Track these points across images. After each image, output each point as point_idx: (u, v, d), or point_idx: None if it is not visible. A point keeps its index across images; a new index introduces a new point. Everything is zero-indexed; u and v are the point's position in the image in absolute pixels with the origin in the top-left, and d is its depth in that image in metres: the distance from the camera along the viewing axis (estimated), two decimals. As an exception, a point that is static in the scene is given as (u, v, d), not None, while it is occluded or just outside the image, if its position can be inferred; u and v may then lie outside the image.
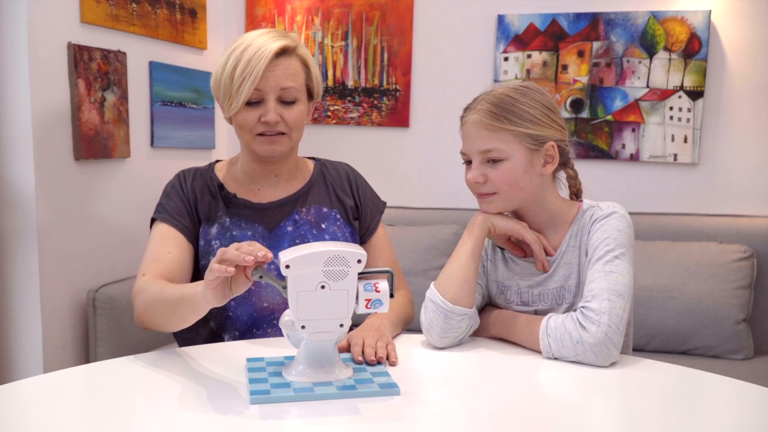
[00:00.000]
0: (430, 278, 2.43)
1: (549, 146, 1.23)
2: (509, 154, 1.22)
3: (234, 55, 1.30)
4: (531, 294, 1.29)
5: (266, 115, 1.31)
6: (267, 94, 1.31)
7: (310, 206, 1.43)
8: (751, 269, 2.18)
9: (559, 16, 2.55)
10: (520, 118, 1.22)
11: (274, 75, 1.30)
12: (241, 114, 1.33)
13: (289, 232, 1.39)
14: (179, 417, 0.92)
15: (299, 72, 1.34)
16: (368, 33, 2.74)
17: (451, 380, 1.10)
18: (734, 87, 2.44)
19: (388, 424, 0.91)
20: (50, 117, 1.96)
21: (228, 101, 1.32)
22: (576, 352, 1.13)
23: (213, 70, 1.36)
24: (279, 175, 1.42)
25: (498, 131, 1.22)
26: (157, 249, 1.32)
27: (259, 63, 1.27)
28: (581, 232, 1.27)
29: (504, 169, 1.23)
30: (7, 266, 1.96)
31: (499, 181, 1.23)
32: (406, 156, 2.78)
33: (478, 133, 1.24)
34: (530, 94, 1.24)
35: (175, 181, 1.43)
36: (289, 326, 1.03)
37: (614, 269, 1.18)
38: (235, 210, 1.39)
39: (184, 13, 2.49)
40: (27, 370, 1.98)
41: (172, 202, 1.38)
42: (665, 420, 0.95)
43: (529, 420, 0.94)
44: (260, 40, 1.30)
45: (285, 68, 1.31)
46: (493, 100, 1.24)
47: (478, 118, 1.24)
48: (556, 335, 1.16)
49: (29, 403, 0.96)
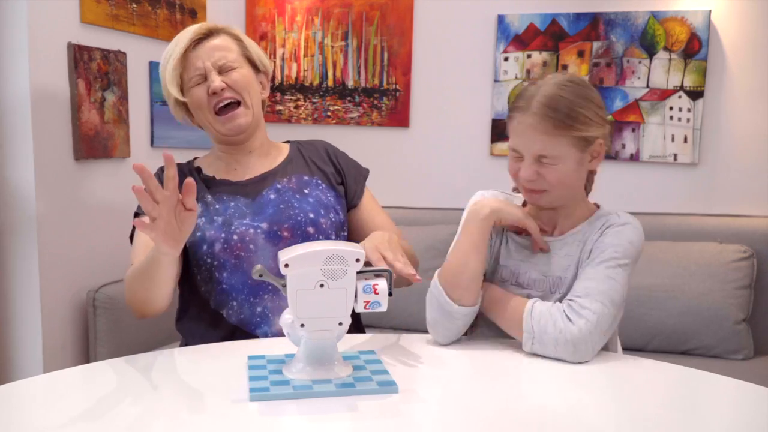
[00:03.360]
0: (430, 278, 2.43)
1: (597, 144, 1.23)
2: (563, 158, 1.20)
3: (166, 54, 1.40)
4: (528, 277, 1.29)
5: (210, 85, 1.35)
6: (208, 71, 1.36)
7: (291, 176, 1.44)
8: (751, 269, 2.18)
9: (559, 16, 2.55)
10: (576, 121, 1.19)
11: (206, 52, 1.36)
12: (191, 96, 1.38)
13: (272, 199, 1.40)
14: (179, 416, 0.92)
15: (231, 45, 1.40)
16: (368, 33, 2.74)
17: (449, 378, 1.10)
18: (734, 87, 2.44)
19: (387, 422, 0.91)
20: (50, 117, 1.96)
21: (167, 92, 1.39)
22: (556, 341, 1.13)
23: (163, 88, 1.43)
24: (252, 150, 1.45)
25: (554, 137, 1.19)
26: (142, 240, 1.35)
27: (177, 47, 1.36)
28: (591, 231, 1.26)
29: (557, 169, 1.20)
30: (7, 266, 1.96)
31: (552, 180, 1.21)
32: (406, 156, 2.78)
33: (533, 137, 1.20)
34: (582, 93, 1.22)
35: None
36: (289, 324, 1.03)
37: (614, 276, 1.18)
38: (216, 188, 1.41)
39: (184, 13, 2.49)
40: (27, 370, 1.98)
41: None
42: (665, 420, 0.95)
43: (528, 419, 0.94)
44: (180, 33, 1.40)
45: (215, 45, 1.38)
46: (548, 102, 1.19)
47: (535, 123, 1.19)
48: (540, 320, 1.15)
49: (29, 403, 0.97)
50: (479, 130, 2.70)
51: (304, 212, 1.37)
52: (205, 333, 1.36)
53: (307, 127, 2.83)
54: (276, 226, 1.36)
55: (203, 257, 1.35)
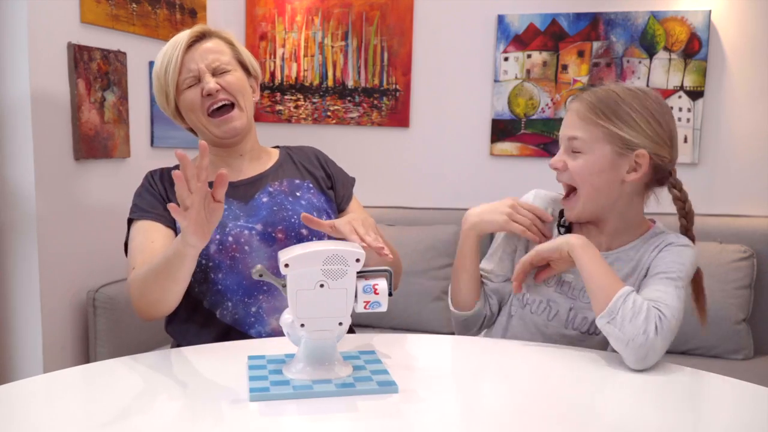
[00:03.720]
0: (430, 278, 2.45)
1: (640, 154, 1.18)
2: (591, 149, 1.19)
3: (158, 61, 1.39)
4: (572, 286, 1.28)
5: (205, 87, 1.35)
6: (202, 74, 1.36)
7: (282, 179, 1.45)
8: (751, 269, 2.18)
9: (559, 16, 2.55)
10: (618, 117, 1.18)
11: (200, 55, 1.37)
12: (185, 98, 1.38)
13: (265, 202, 1.40)
14: (179, 415, 0.92)
15: (224, 48, 1.40)
16: (368, 33, 2.74)
17: (449, 378, 1.10)
18: (734, 87, 2.44)
19: (387, 422, 0.91)
20: (50, 117, 1.96)
21: (164, 98, 1.39)
22: (633, 339, 1.08)
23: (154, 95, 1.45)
24: (243, 154, 1.45)
25: (590, 124, 1.19)
26: (141, 243, 1.33)
27: (176, 50, 1.36)
28: (646, 249, 1.25)
29: (582, 161, 1.20)
30: (7, 266, 1.96)
31: (575, 172, 1.20)
32: (406, 156, 2.78)
33: (572, 121, 1.21)
34: (642, 100, 1.20)
35: (144, 182, 1.45)
36: (289, 324, 1.03)
37: (681, 296, 1.16)
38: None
39: (184, 13, 2.49)
40: (27, 370, 1.98)
41: (144, 201, 1.40)
42: (665, 419, 0.95)
43: (528, 417, 0.94)
44: (175, 36, 1.39)
45: (208, 48, 1.38)
46: (600, 93, 1.20)
47: (577, 107, 1.21)
48: (632, 309, 1.09)
49: (29, 403, 0.96)
50: (479, 130, 2.70)
51: (297, 214, 1.38)
52: (199, 333, 1.35)
53: (307, 127, 2.83)
54: (270, 228, 1.36)
55: (199, 258, 1.30)
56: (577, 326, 1.27)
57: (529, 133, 2.64)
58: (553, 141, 2.62)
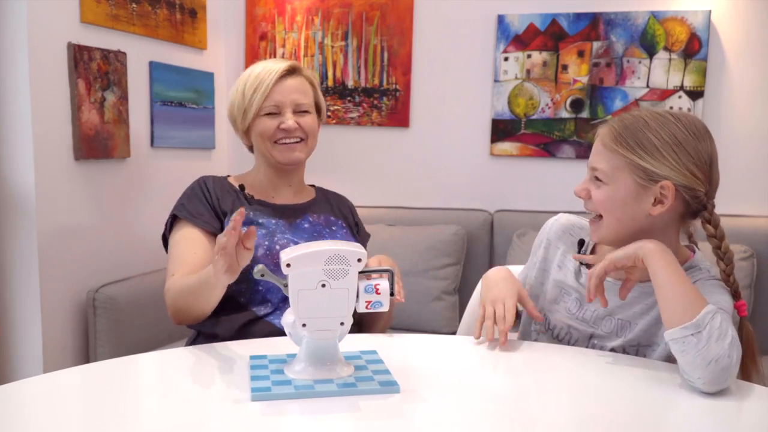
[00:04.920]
0: (430, 278, 2.46)
1: (664, 185, 1.11)
2: (613, 180, 1.14)
3: (244, 77, 1.50)
4: (594, 314, 1.25)
5: (285, 122, 1.47)
6: (284, 107, 1.48)
7: (320, 214, 1.56)
8: (751, 269, 2.18)
9: (559, 16, 2.55)
10: (640, 147, 1.12)
11: (287, 90, 1.48)
12: (261, 123, 1.48)
13: (307, 227, 1.52)
14: (180, 415, 0.92)
15: (308, 89, 1.52)
16: (368, 33, 2.74)
17: (451, 378, 1.10)
18: (734, 87, 2.44)
19: (388, 422, 0.91)
20: (50, 117, 1.96)
21: (242, 115, 1.49)
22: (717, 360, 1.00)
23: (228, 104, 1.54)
24: (291, 184, 1.57)
25: (612, 153, 1.14)
26: (183, 251, 1.43)
27: (268, 77, 1.46)
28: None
29: (603, 191, 1.15)
30: (7, 266, 1.96)
31: (597, 202, 1.16)
32: (406, 156, 2.78)
33: (596, 149, 1.17)
34: (670, 126, 1.13)
35: (195, 185, 1.53)
36: (291, 324, 1.03)
37: None
38: (257, 207, 1.51)
39: (184, 13, 2.49)
40: (27, 370, 1.97)
41: (192, 204, 1.48)
42: (665, 419, 0.95)
43: (529, 417, 0.94)
44: (268, 63, 1.50)
45: (297, 85, 1.50)
46: (628, 120, 1.15)
47: (603, 134, 1.17)
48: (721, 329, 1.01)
49: (29, 403, 0.96)
50: (479, 130, 2.70)
51: None
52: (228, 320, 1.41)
53: (307, 127, 2.83)
54: None
55: None
56: None
57: (529, 133, 2.64)
58: (553, 141, 2.62)
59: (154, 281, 2.22)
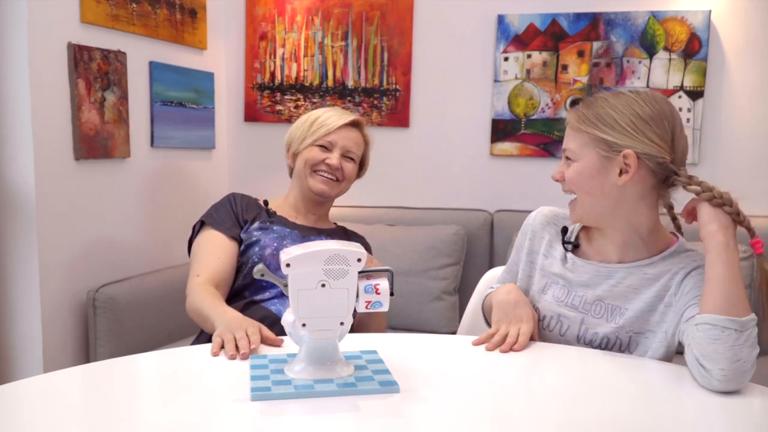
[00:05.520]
0: (430, 278, 2.46)
1: (626, 154, 1.16)
2: (580, 156, 1.20)
3: (314, 115, 1.69)
4: (582, 299, 1.27)
5: (331, 159, 1.64)
6: (335, 147, 1.66)
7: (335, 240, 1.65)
8: (751, 269, 2.18)
9: (559, 16, 2.55)
10: (601, 122, 1.18)
11: (345, 137, 1.66)
12: (310, 151, 1.65)
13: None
14: (180, 415, 0.92)
15: (362, 144, 1.72)
16: (368, 33, 2.74)
17: (451, 378, 1.10)
18: (734, 87, 2.44)
19: (388, 421, 0.91)
20: (50, 117, 1.96)
21: (300, 141, 1.67)
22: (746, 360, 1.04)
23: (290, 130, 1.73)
24: (316, 214, 1.72)
25: (578, 132, 1.21)
26: (209, 254, 1.57)
27: (335, 122, 1.66)
28: (667, 270, 1.21)
29: (572, 169, 1.22)
30: (8, 266, 1.96)
31: (568, 180, 1.22)
32: (406, 156, 2.78)
33: (566, 133, 1.25)
34: (630, 102, 1.19)
35: (224, 199, 1.70)
36: (291, 324, 1.03)
37: None
38: (276, 219, 1.67)
39: (184, 13, 2.49)
40: (27, 370, 1.97)
41: (220, 213, 1.65)
42: (665, 419, 0.95)
43: (529, 417, 0.94)
44: (336, 110, 1.70)
45: (355, 137, 1.69)
46: (590, 101, 1.23)
47: (569, 119, 1.24)
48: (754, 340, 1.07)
49: (29, 403, 0.96)
50: (479, 130, 2.70)
51: None
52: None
53: (307, 127, 2.83)
54: None
55: (252, 256, 1.57)
56: (589, 341, 1.25)
57: (529, 133, 2.64)
58: (553, 141, 2.62)
59: (154, 281, 2.22)
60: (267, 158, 2.80)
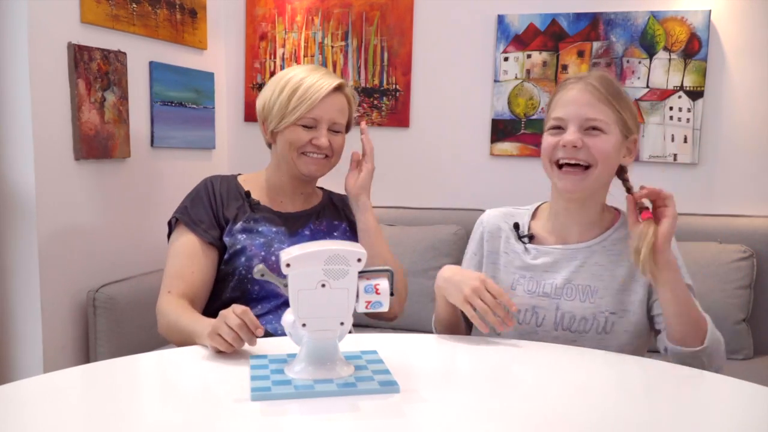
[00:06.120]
0: (430, 278, 2.45)
1: (634, 138, 1.27)
2: (610, 129, 1.24)
3: (292, 83, 1.47)
4: (553, 285, 1.29)
5: (318, 139, 1.48)
6: (321, 122, 1.48)
7: (323, 219, 1.57)
8: (751, 269, 2.18)
9: (559, 16, 2.55)
10: (623, 102, 1.25)
11: (330, 108, 1.48)
12: (294, 132, 1.48)
13: (307, 235, 1.52)
14: (180, 415, 0.92)
15: (346, 108, 1.54)
16: (368, 33, 2.74)
17: (451, 378, 1.10)
18: (734, 87, 2.44)
19: (388, 421, 0.91)
20: (50, 117, 1.96)
21: (279, 117, 1.48)
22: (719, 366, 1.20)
23: (262, 94, 1.53)
24: (303, 192, 1.58)
25: (607, 104, 1.24)
26: (181, 266, 1.43)
27: (317, 93, 1.46)
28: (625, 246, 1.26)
29: (603, 139, 1.23)
30: (8, 266, 1.96)
31: (597, 150, 1.23)
32: (406, 156, 2.78)
33: (587, 100, 1.23)
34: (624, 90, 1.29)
35: (201, 187, 1.53)
36: (291, 324, 1.03)
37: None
38: (260, 212, 1.52)
39: (184, 13, 2.49)
40: (27, 370, 1.97)
41: (195, 208, 1.49)
42: (665, 419, 0.95)
43: (529, 417, 0.94)
44: (315, 76, 1.49)
45: (339, 104, 1.51)
46: (603, 77, 1.27)
47: (591, 89, 1.24)
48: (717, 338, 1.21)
49: (29, 403, 0.96)
50: (479, 130, 2.70)
51: None
52: None
53: (307, 127, 2.83)
54: None
55: (239, 267, 1.44)
56: (567, 326, 1.28)
57: (529, 133, 2.64)
58: (553, 141, 2.62)
59: (154, 281, 2.21)
60: (267, 158, 2.79)
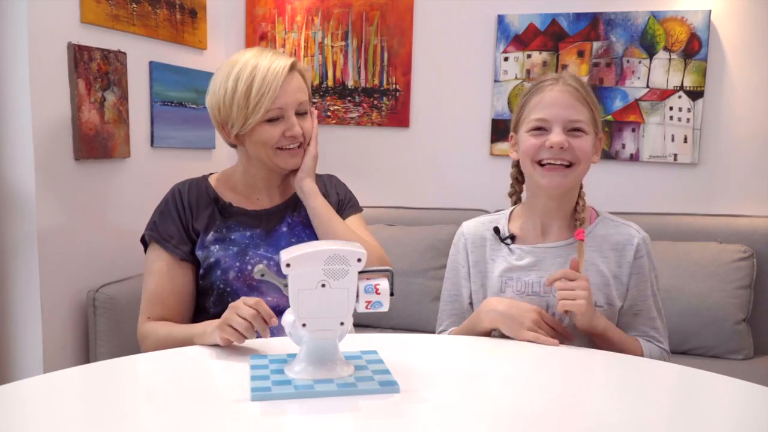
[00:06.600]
0: (430, 278, 2.45)
1: (602, 137, 1.34)
2: (589, 129, 1.29)
3: (244, 76, 1.34)
4: (542, 284, 1.31)
5: (291, 129, 1.38)
6: (287, 110, 1.37)
7: (300, 209, 1.49)
8: (751, 269, 2.18)
9: (559, 16, 2.55)
10: (594, 102, 1.31)
11: (291, 91, 1.37)
12: (263, 131, 1.37)
13: (285, 232, 1.46)
14: (180, 415, 0.92)
15: (304, 86, 1.42)
16: (368, 33, 2.74)
17: (451, 378, 1.10)
18: (734, 87, 2.44)
19: (388, 422, 0.91)
20: (50, 117, 1.96)
21: (242, 119, 1.36)
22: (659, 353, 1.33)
23: (212, 94, 1.39)
24: (281, 185, 1.50)
25: (585, 105, 1.28)
26: (158, 288, 1.38)
27: (275, 80, 1.34)
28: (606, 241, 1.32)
29: (585, 140, 1.28)
30: (8, 266, 1.96)
31: (580, 151, 1.27)
32: (406, 156, 2.78)
33: (569, 102, 1.28)
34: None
35: (169, 198, 1.45)
36: (291, 324, 1.03)
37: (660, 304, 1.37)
38: (232, 217, 1.44)
39: (184, 13, 2.49)
40: (27, 370, 1.97)
41: (165, 224, 1.41)
42: (665, 419, 0.95)
43: (529, 417, 0.94)
44: (265, 60, 1.35)
45: (297, 83, 1.39)
46: (577, 78, 1.32)
47: (572, 88, 1.28)
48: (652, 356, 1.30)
49: (29, 403, 0.96)
50: (479, 130, 2.70)
51: None
52: None
53: (307, 127, 2.83)
54: None
55: (216, 282, 1.39)
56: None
57: (529, 133, 2.63)
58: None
59: (154, 281, 2.22)
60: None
